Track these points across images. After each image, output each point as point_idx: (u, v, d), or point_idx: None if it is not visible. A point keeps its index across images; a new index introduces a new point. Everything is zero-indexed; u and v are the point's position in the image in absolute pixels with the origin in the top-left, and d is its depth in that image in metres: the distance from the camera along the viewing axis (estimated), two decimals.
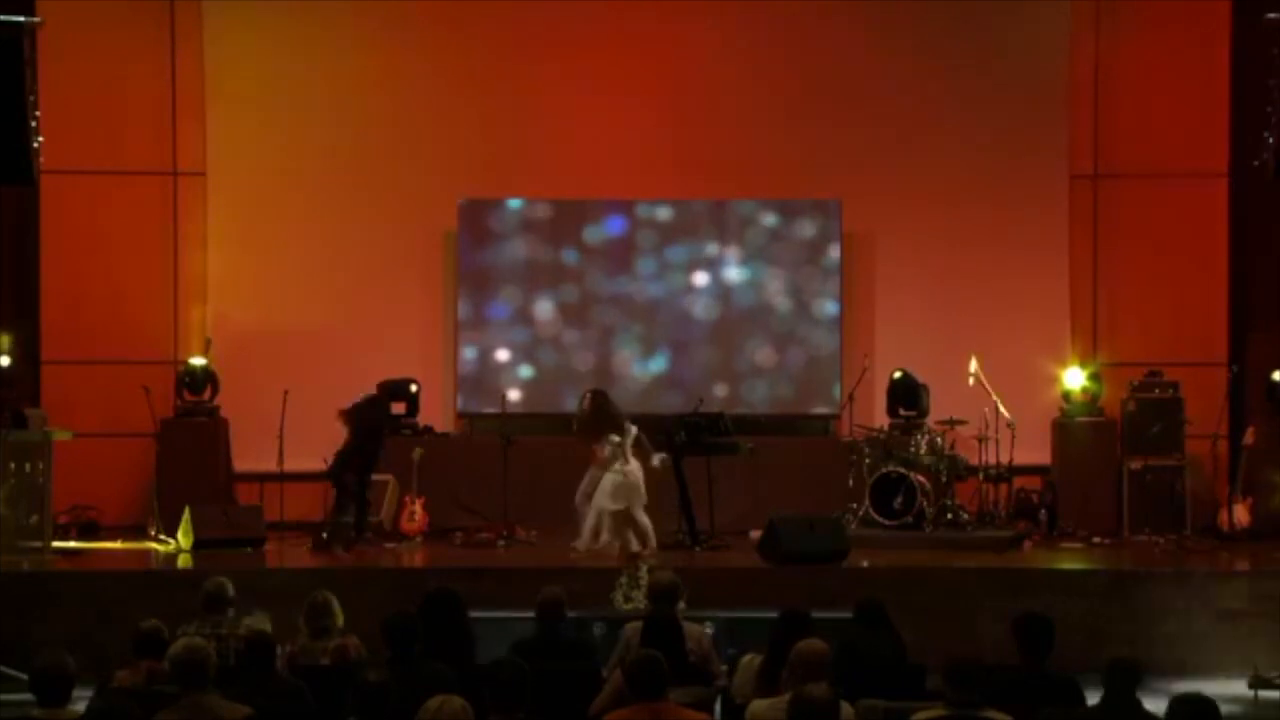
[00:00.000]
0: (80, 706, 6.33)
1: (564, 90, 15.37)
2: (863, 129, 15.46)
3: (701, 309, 15.38)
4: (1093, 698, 6.63)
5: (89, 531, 14.39)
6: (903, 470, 13.64)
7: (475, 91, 15.46)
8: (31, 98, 14.75)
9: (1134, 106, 15.47)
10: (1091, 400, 14.93)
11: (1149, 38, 15.44)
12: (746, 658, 7.51)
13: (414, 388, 14.95)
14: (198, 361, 14.83)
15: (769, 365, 15.36)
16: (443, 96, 15.48)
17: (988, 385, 13.96)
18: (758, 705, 6.60)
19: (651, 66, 15.43)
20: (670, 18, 15.41)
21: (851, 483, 14.08)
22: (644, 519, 12.61)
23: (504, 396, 14.48)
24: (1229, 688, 10.02)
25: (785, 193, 15.45)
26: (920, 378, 14.80)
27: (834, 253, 15.32)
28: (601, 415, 12.93)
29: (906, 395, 14.77)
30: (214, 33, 15.40)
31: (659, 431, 13.36)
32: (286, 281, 15.28)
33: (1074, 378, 14.93)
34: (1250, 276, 15.53)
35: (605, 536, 12.60)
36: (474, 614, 8.45)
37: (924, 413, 14.68)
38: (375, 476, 14.07)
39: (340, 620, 8.32)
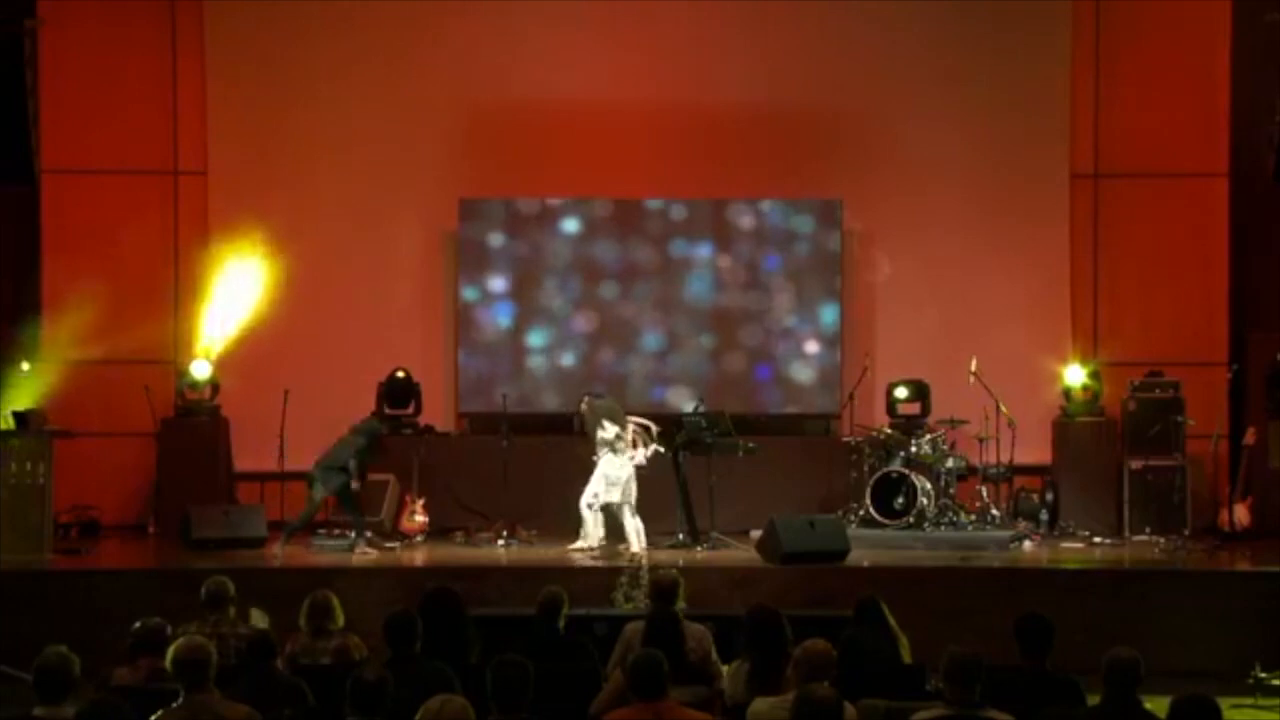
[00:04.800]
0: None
1: (564, 89, 15.37)
2: (863, 128, 15.47)
3: (702, 307, 15.38)
4: (1093, 698, 6.63)
5: (89, 531, 14.41)
6: (903, 470, 13.64)
7: (476, 90, 15.46)
8: (32, 98, 14.81)
9: (1134, 106, 15.47)
10: (1092, 399, 14.93)
11: (1149, 38, 15.45)
12: (735, 663, 7.52)
13: (400, 374, 14.94)
14: (201, 375, 14.77)
15: (769, 364, 15.36)
16: (443, 95, 15.48)
17: (987, 385, 13.96)
18: (760, 704, 6.60)
19: (652, 66, 15.43)
20: (672, 17, 15.41)
21: (852, 483, 14.09)
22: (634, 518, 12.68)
23: (504, 396, 14.47)
24: (1229, 688, 10.00)
25: (786, 192, 15.46)
26: (920, 378, 14.89)
27: (834, 252, 15.32)
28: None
29: (915, 396, 14.87)
30: (214, 32, 15.42)
31: (660, 431, 13.39)
32: (287, 281, 15.26)
33: (1074, 375, 14.95)
34: (1250, 276, 15.54)
35: (600, 531, 12.66)
36: (474, 614, 8.46)
37: (925, 412, 14.72)
38: (376, 476, 14.14)
39: (341, 620, 8.32)
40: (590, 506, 12.77)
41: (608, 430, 12.75)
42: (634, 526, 12.61)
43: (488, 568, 12.26)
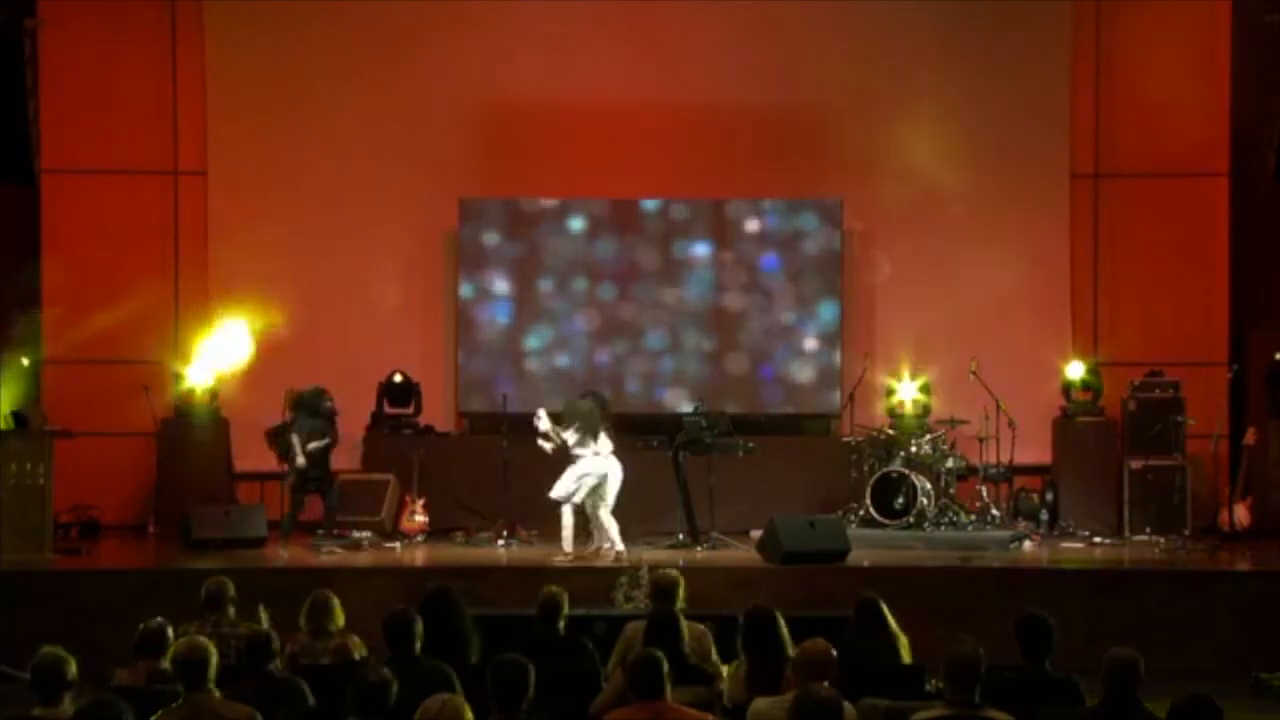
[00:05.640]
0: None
1: (564, 89, 15.37)
2: (863, 128, 15.46)
3: (701, 308, 15.38)
4: (1092, 698, 6.62)
5: (89, 531, 14.41)
6: (903, 470, 13.64)
7: (476, 90, 15.46)
8: (32, 98, 14.83)
9: (1134, 107, 15.47)
10: (1092, 399, 14.93)
11: (1149, 38, 15.44)
12: (735, 663, 7.52)
13: (397, 378, 14.95)
14: (200, 386, 14.75)
15: (769, 365, 15.36)
16: (443, 95, 15.48)
17: (987, 385, 13.95)
18: (760, 704, 6.60)
19: (652, 66, 15.43)
20: (672, 17, 15.41)
21: (852, 483, 14.09)
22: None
23: (504, 396, 14.47)
24: (1229, 688, 10.00)
25: (786, 192, 15.45)
26: (920, 378, 14.92)
27: (835, 252, 15.32)
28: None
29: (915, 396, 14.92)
30: (214, 32, 15.43)
31: (660, 430, 13.41)
32: (287, 281, 15.27)
33: (1075, 369, 14.95)
34: (1250, 276, 15.54)
35: (568, 532, 12.59)
36: (474, 614, 8.46)
37: (925, 412, 14.74)
38: (376, 476, 14.14)
39: (341, 620, 8.32)
40: (562, 503, 12.61)
41: (567, 438, 12.62)
42: (609, 524, 12.53)
43: (488, 568, 12.25)
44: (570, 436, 12.44)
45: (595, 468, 12.40)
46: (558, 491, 12.47)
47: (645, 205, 15.41)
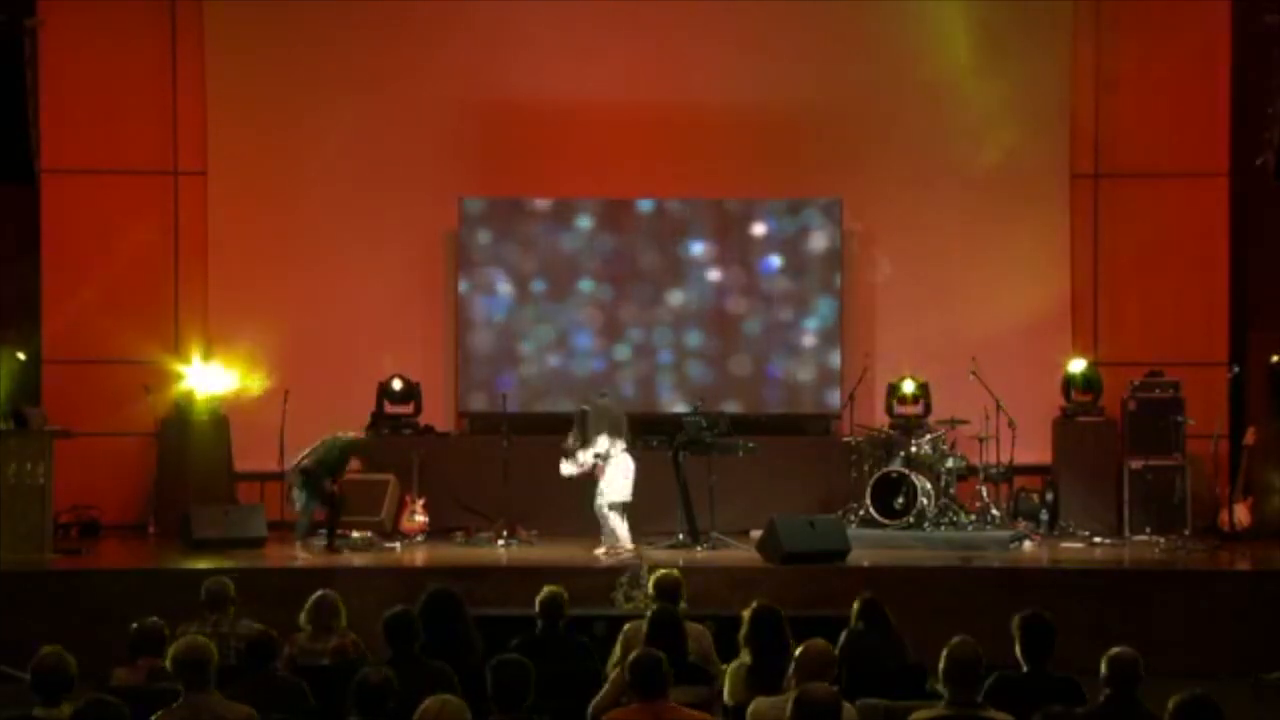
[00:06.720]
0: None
1: (564, 89, 15.37)
2: (863, 128, 15.46)
3: (701, 308, 15.38)
4: (1093, 698, 6.62)
5: (89, 531, 14.41)
6: (903, 470, 13.64)
7: (476, 90, 15.46)
8: (32, 98, 14.81)
9: (1134, 106, 15.47)
10: (1092, 399, 14.93)
11: (1149, 38, 15.45)
12: (735, 663, 7.52)
13: (396, 384, 14.94)
14: (201, 394, 14.74)
15: (769, 364, 15.36)
16: (443, 95, 15.48)
17: (987, 385, 13.95)
18: (761, 703, 6.59)
19: (652, 66, 15.43)
20: (671, 18, 15.40)
21: (852, 483, 14.09)
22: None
23: (504, 396, 14.48)
24: (1229, 688, 10.00)
25: (786, 191, 15.45)
26: (920, 378, 14.92)
27: (835, 251, 15.32)
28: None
29: (915, 396, 14.88)
30: (214, 33, 15.42)
31: (660, 431, 13.41)
32: (287, 280, 15.28)
33: (1077, 364, 14.95)
34: (1250, 276, 15.54)
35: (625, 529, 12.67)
36: (474, 614, 8.46)
37: (926, 412, 14.74)
38: (376, 476, 14.14)
39: (344, 620, 8.33)
40: (612, 507, 12.72)
41: (599, 445, 12.72)
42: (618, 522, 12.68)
43: (488, 568, 12.25)
44: (603, 441, 12.55)
45: (630, 463, 12.62)
46: (620, 495, 12.58)
47: (644, 205, 15.41)
